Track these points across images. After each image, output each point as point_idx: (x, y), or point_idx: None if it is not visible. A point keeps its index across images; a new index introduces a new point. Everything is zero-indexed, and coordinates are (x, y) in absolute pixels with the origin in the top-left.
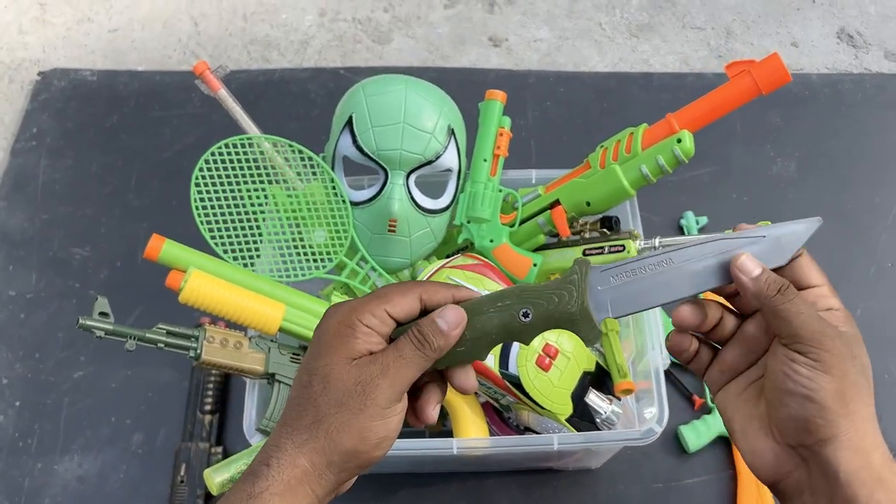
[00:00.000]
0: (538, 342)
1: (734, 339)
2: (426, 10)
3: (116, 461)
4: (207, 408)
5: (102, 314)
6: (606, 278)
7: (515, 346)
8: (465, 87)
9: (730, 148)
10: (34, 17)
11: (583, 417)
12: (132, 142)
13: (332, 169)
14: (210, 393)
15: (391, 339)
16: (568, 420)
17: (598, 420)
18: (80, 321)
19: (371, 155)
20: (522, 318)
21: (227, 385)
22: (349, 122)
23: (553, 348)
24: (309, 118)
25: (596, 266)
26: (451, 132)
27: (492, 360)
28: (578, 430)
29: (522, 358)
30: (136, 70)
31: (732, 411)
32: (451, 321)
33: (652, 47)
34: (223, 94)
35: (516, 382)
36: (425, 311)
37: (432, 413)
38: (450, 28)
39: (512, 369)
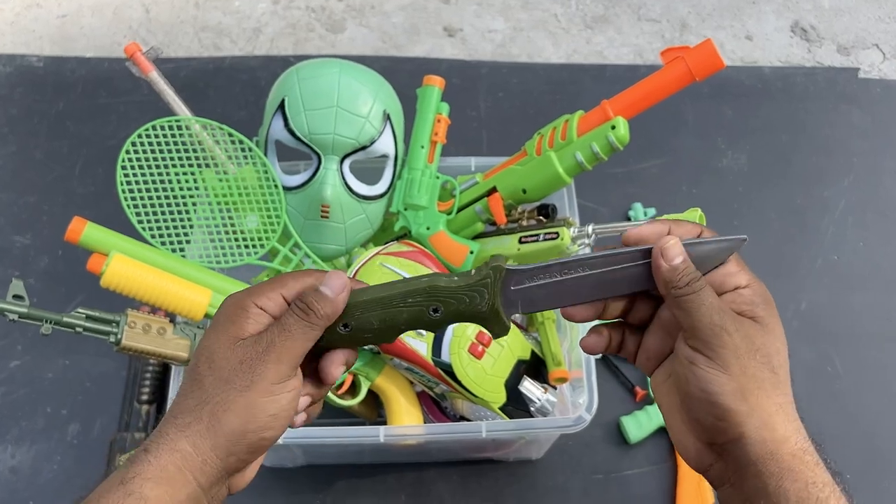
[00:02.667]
0: (472, 330)
1: (653, 323)
2: None
3: (51, 452)
4: (145, 398)
5: (17, 297)
6: (521, 279)
7: (448, 334)
8: (418, 77)
9: (681, 140)
10: None
11: (517, 406)
12: (78, 129)
13: (265, 153)
14: (148, 383)
15: None
16: (502, 408)
17: (532, 408)
18: None
19: (303, 139)
20: (432, 314)
21: (165, 375)
22: (281, 106)
23: (487, 336)
24: (258, 106)
25: (511, 268)
26: (387, 117)
27: (424, 348)
28: (513, 419)
29: (455, 346)
30: (84, 57)
31: (659, 400)
32: (336, 286)
33: (607, 39)
34: (154, 76)
35: (448, 370)
36: None
37: (335, 372)
38: (404, 17)
39: (444, 357)
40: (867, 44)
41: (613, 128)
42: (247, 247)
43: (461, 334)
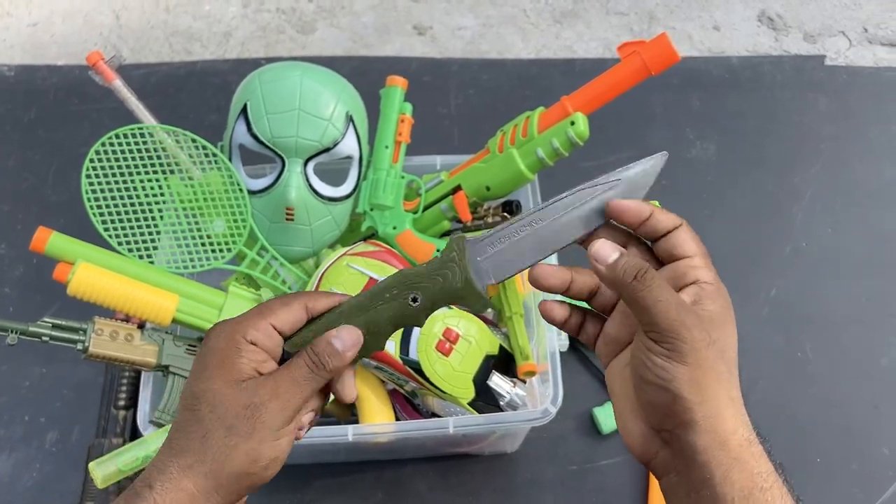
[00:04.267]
0: (439, 327)
1: (615, 310)
2: None
3: (30, 459)
4: (122, 403)
5: None
6: (484, 248)
7: (416, 331)
8: (388, 75)
9: (650, 132)
10: None
11: (487, 401)
12: (50, 136)
13: (230, 158)
14: (124, 388)
15: (282, 354)
16: (472, 404)
17: (502, 403)
18: None
19: (266, 142)
20: (412, 304)
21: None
22: (244, 110)
23: (454, 333)
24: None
25: (471, 239)
26: (350, 119)
27: (392, 347)
28: (482, 414)
29: (423, 343)
30: (55, 65)
31: (612, 387)
32: (348, 341)
33: (575, 33)
34: (118, 84)
35: (417, 368)
36: (311, 320)
37: (352, 392)
38: (374, 17)
39: (412, 355)
40: (833, 31)
41: (573, 123)
42: (214, 251)
43: (428, 332)
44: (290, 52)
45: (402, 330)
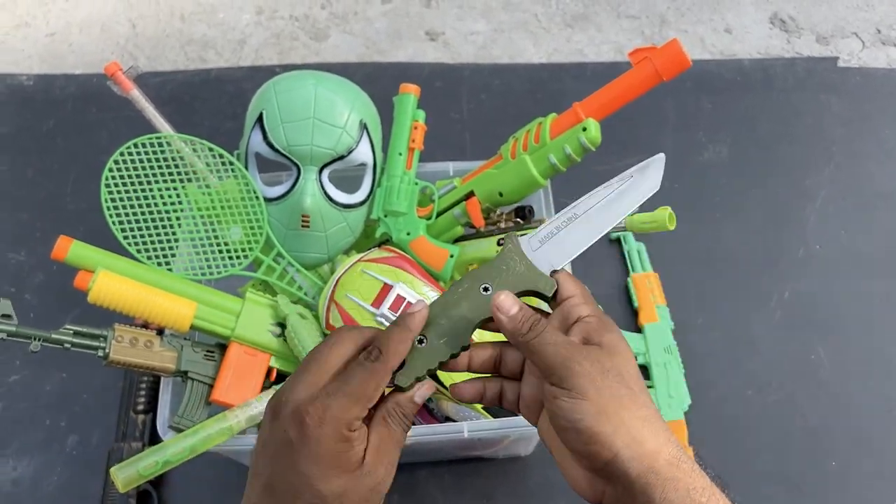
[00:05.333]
0: None
1: (526, 372)
2: (363, 5)
3: (51, 463)
4: (141, 408)
5: (5, 316)
6: (535, 243)
7: None
8: (400, 81)
9: (662, 135)
10: None
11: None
12: (69, 145)
13: (246, 166)
14: (143, 393)
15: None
16: (487, 408)
17: None
18: None
19: (282, 151)
20: (483, 292)
21: (160, 385)
22: (260, 119)
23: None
24: (245, 117)
25: (522, 237)
26: (364, 127)
27: None
28: (496, 418)
29: None
30: (73, 74)
31: (547, 444)
32: (427, 393)
33: (587, 37)
34: (136, 94)
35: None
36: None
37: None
38: (387, 23)
39: None
40: (846, 33)
41: (585, 129)
42: (231, 258)
43: None
44: (304, 58)
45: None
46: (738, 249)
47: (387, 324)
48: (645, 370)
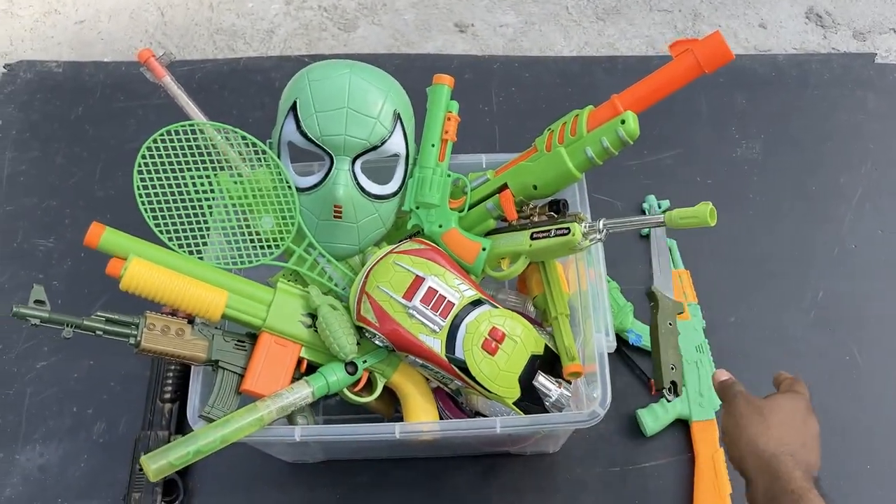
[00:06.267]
0: (485, 326)
1: None
2: None
3: (77, 450)
4: (167, 396)
5: (38, 302)
6: None
7: (462, 330)
8: (429, 73)
9: (694, 131)
10: (2, 10)
11: (532, 401)
12: (97, 133)
13: (279, 155)
14: (170, 381)
15: None
16: (517, 403)
17: (547, 403)
18: (14, 309)
19: (315, 140)
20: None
21: (187, 374)
22: (293, 108)
23: (500, 332)
24: (273, 107)
25: None
26: (398, 117)
27: (438, 345)
28: (528, 414)
29: (468, 342)
30: (102, 61)
31: None
32: None
33: (618, 31)
34: (168, 80)
35: (463, 367)
36: None
37: None
38: (415, 14)
39: (458, 353)
40: (884, 28)
41: (623, 122)
42: (262, 248)
43: (474, 331)
44: (332, 49)
45: (448, 328)
46: (772, 247)
47: (418, 316)
48: None
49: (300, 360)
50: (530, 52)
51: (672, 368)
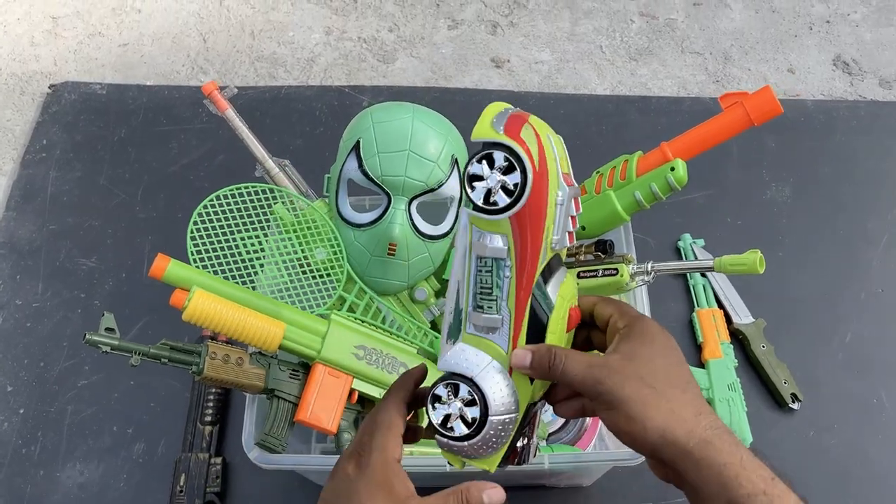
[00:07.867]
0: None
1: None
2: (430, 30)
3: (117, 470)
4: (208, 419)
5: (109, 329)
6: None
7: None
8: (466, 107)
9: (726, 171)
10: (46, 31)
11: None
12: (140, 155)
13: (337, 189)
14: (211, 404)
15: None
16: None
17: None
18: (88, 336)
19: (376, 180)
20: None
21: (227, 397)
22: (356, 147)
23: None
24: (314, 136)
25: None
26: (455, 161)
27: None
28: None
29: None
30: (144, 84)
31: None
32: (495, 500)
33: (651, 71)
34: (230, 114)
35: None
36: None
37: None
38: (453, 49)
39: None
40: None
41: (672, 169)
42: (314, 300)
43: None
44: (371, 80)
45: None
46: (800, 290)
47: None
48: None
49: (351, 391)
50: (565, 90)
51: None
